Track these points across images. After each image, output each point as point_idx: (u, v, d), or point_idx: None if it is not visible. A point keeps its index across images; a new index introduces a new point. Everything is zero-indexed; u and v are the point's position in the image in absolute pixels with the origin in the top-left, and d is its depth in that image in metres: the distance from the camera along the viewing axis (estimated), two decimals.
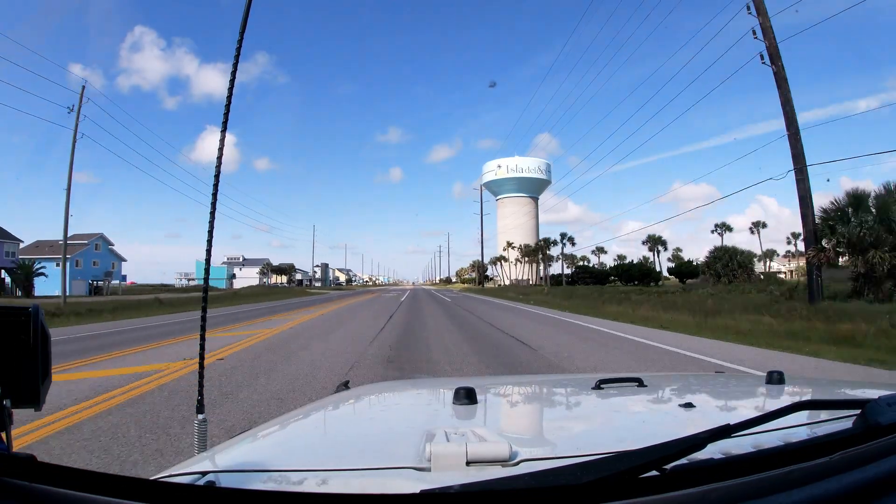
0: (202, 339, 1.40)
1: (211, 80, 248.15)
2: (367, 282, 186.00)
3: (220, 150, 1.34)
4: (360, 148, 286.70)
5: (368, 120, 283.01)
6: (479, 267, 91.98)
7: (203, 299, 1.43)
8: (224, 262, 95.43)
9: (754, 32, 14.80)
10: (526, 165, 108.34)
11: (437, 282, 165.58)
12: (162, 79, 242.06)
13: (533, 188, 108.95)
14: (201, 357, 1.37)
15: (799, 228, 16.93)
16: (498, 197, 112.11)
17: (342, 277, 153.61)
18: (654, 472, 0.55)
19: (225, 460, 0.86)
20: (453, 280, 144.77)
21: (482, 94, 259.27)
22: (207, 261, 1.38)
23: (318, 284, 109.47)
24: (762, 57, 14.69)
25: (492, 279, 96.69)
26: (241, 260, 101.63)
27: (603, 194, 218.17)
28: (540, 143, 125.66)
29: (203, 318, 1.42)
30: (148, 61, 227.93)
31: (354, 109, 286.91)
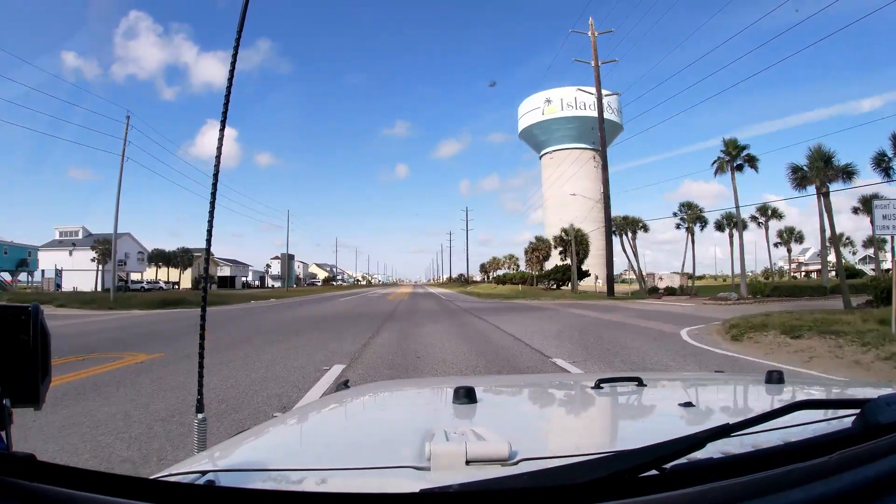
0: (202, 338, 1.40)
1: (210, 69, 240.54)
2: (358, 281, 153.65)
3: (220, 143, 1.34)
4: (361, 146, 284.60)
5: (372, 116, 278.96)
6: (578, 245, 43.98)
7: (203, 299, 1.44)
8: (53, 241, 54.95)
9: None
10: (591, 99, 65.05)
11: (446, 280, 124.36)
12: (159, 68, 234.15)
13: (591, 135, 66.64)
14: (201, 358, 1.37)
15: None
16: (543, 151, 70.87)
17: (321, 275, 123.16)
18: (654, 472, 0.55)
19: (224, 459, 0.86)
20: (473, 278, 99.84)
21: (489, 90, 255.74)
22: (207, 261, 1.38)
23: (275, 285, 79.55)
24: None
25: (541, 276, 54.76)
26: (76, 236, 55.32)
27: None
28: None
29: (203, 318, 1.42)
30: (144, 49, 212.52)
31: (358, 104, 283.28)
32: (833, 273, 34.07)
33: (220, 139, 1.33)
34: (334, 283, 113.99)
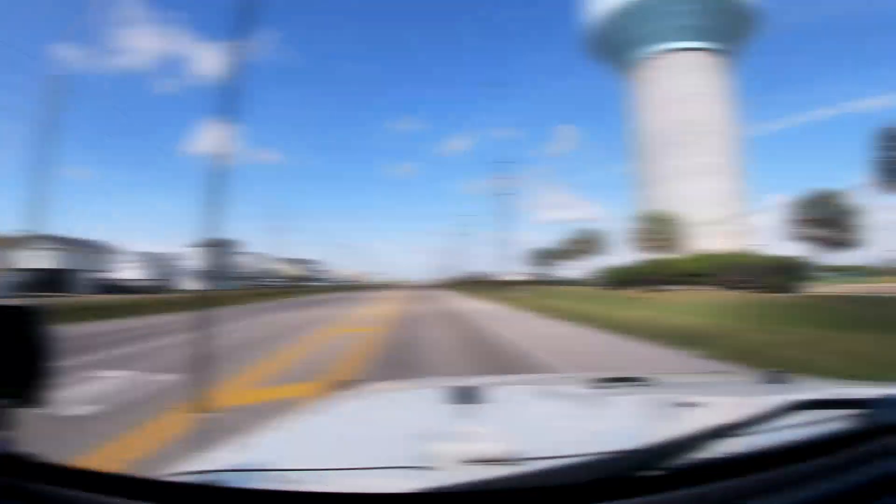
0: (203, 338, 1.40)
1: (208, 60, 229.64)
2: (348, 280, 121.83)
3: (221, 140, 1.34)
4: (363, 142, 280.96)
5: (376, 110, 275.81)
6: None
7: (205, 299, 1.44)
8: None
9: None
10: None
11: (465, 280, 70.56)
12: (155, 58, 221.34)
13: (723, 27, 37.19)
14: (202, 358, 1.37)
15: None
16: (637, 58, 40.77)
17: (287, 272, 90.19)
18: (655, 472, 0.55)
19: (225, 459, 0.86)
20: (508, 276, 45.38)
21: (493, 89, 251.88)
22: (207, 260, 1.39)
23: (188, 286, 50.33)
24: None
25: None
26: None
27: None
28: None
29: (203, 318, 1.43)
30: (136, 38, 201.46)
31: (361, 99, 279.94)
32: None
33: (221, 135, 1.34)
34: (302, 285, 79.96)
